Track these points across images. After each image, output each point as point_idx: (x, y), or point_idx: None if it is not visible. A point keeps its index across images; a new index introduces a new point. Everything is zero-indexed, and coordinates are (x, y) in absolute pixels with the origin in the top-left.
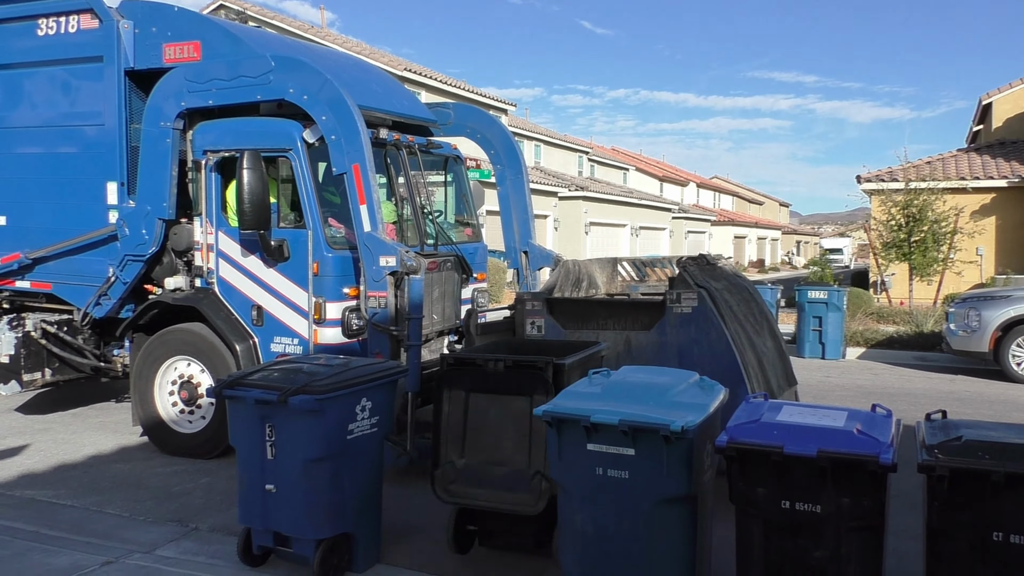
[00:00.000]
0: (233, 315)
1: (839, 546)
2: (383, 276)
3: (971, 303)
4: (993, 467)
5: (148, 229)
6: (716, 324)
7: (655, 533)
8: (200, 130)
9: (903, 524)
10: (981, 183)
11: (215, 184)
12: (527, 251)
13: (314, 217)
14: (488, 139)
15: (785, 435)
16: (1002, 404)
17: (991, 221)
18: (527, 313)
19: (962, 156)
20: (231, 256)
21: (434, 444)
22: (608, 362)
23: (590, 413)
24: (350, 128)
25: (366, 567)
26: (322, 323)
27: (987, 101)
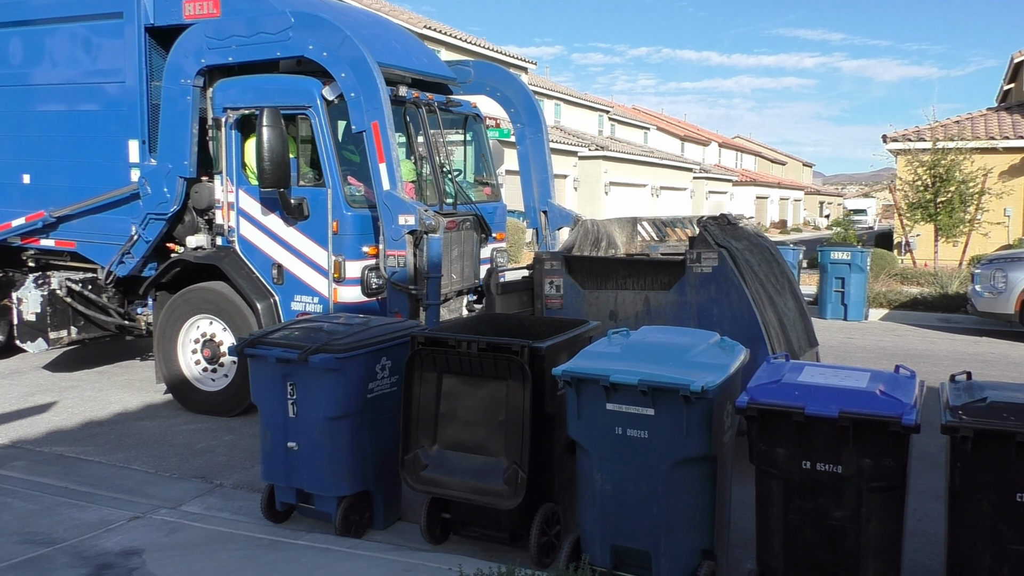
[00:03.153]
0: (254, 274)
1: (860, 506)
2: (402, 235)
3: (997, 264)
4: (1018, 428)
5: (170, 187)
6: (736, 284)
7: (674, 493)
8: (220, 87)
9: (925, 485)
10: (1011, 143)
11: (235, 142)
12: (546, 211)
13: (333, 175)
14: (508, 97)
15: (806, 396)
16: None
17: (1020, 182)
18: (545, 272)
19: (992, 115)
20: (252, 214)
21: (404, 428)
22: (627, 321)
23: (609, 373)
24: (369, 85)
25: (387, 525)
26: (342, 282)
27: (1019, 60)
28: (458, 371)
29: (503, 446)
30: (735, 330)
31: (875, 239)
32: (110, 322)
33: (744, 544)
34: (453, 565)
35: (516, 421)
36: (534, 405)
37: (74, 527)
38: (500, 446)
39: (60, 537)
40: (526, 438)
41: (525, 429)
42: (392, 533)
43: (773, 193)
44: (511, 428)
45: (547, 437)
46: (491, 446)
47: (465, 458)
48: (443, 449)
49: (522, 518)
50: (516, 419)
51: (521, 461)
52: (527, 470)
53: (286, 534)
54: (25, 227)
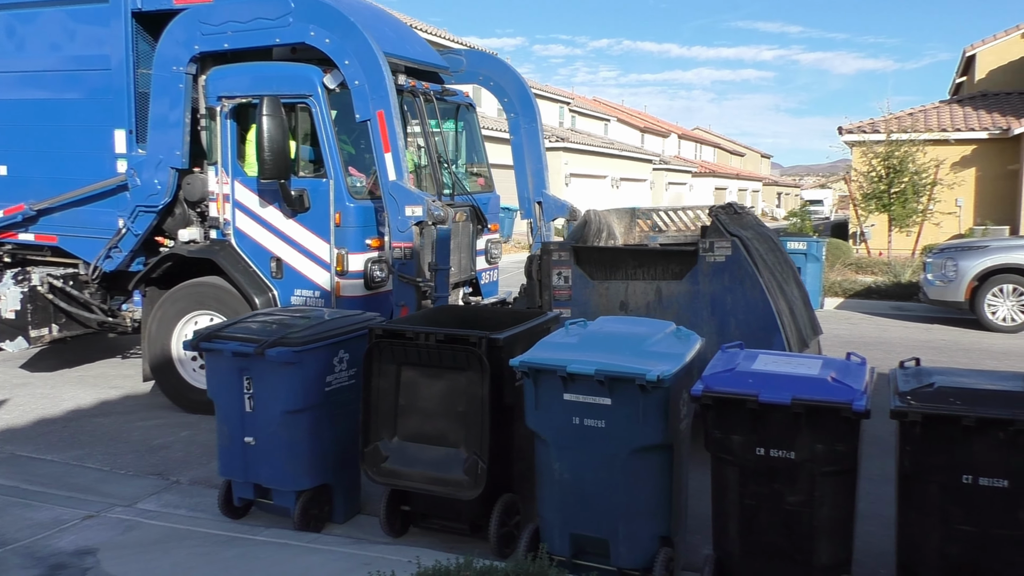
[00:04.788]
0: (251, 267)
1: (813, 490)
2: (409, 226)
3: (948, 253)
4: (964, 412)
5: (160, 179)
6: (750, 273)
7: (632, 481)
8: (214, 75)
9: (879, 469)
10: (963, 135)
11: (231, 131)
12: (541, 201)
13: (335, 166)
14: (502, 87)
15: (760, 383)
16: (977, 352)
17: (971, 173)
18: (553, 263)
19: (944, 108)
20: (248, 206)
21: (363, 420)
22: (638, 312)
23: (567, 363)
24: (375, 73)
25: (347, 518)
26: (345, 275)
27: (971, 53)
28: (417, 363)
29: (463, 437)
30: (749, 319)
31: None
32: (92, 319)
33: (701, 530)
34: (412, 557)
35: (475, 412)
36: (493, 396)
37: (26, 527)
38: (460, 437)
39: (12, 538)
40: (485, 428)
41: (484, 420)
42: (352, 526)
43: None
44: (470, 419)
45: (506, 427)
46: (451, 437)
47: (425, 449)
48: (403, 441)
49: (482, 509)
50: (475, 410)
51: (481, 451)
52: (487, 460)
53: (244, 530)
54: (3, 221)
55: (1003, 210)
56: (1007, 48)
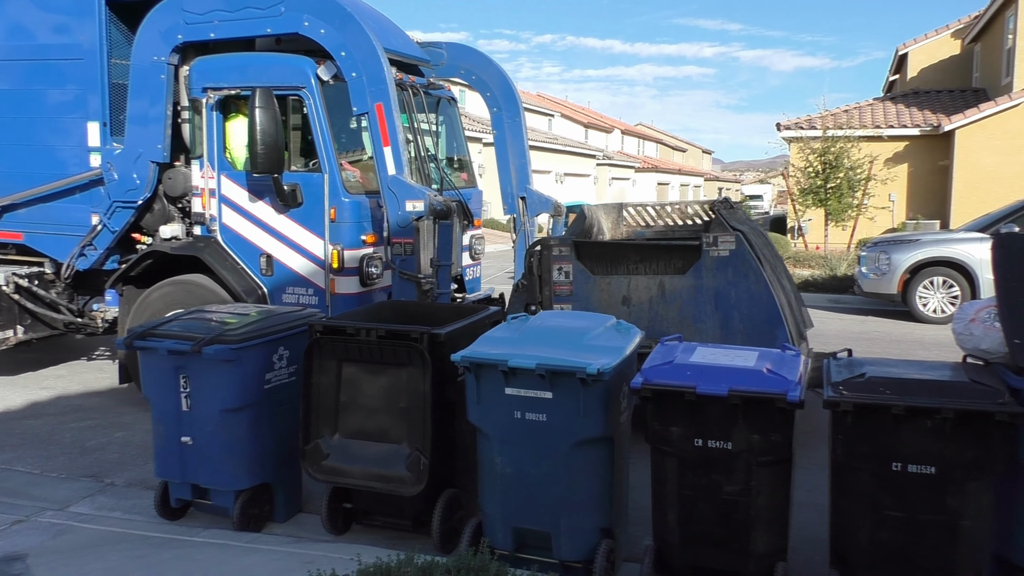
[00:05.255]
0: (239, 265)
1: (750, 480)
2: (409, 222)
3: (882, 247)
4: (893, 401)
5: (140, 173)
6: (754, 267)
7: (573, 474)
8: (199, 66)
9: (817, 458)
10: (896, 131)
11: (217, 124)
12: (524, 196)
13: (330, 160)
14: (484, 81)
15: (698, 375)
16: (908, 343)
17: (904, 168)
18: (554, 259)
19: (878, 105)
20: (236, 202)
21: (303, 418)
22: (641, 307)
23: (508, 358)
24: (373, 65)
25: (288, 517)
26: (340, 272)
27: (903, 51)
28: (358, 359)
29: (405, 433)
30: (753, 313)
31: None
32: (60, 320)
33: (642, 521)
34: (353, 555)
35: (417, 407)
36: (435, 391)
37: None
38: (402, 433)
39: None
40: (427, 424)
41: (426, 415)
42: (293, 525)
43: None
44: (412, 414)
45: (449, 423)
46: (393, 433)
47: (367, 446)
48: (344, 438)
49: (425, 504)
50: (417, 405)
51: (423, 447)
52: (429, 456)
53: (182, 531)
54: None
55: (934, 205)
56: (938, 47)
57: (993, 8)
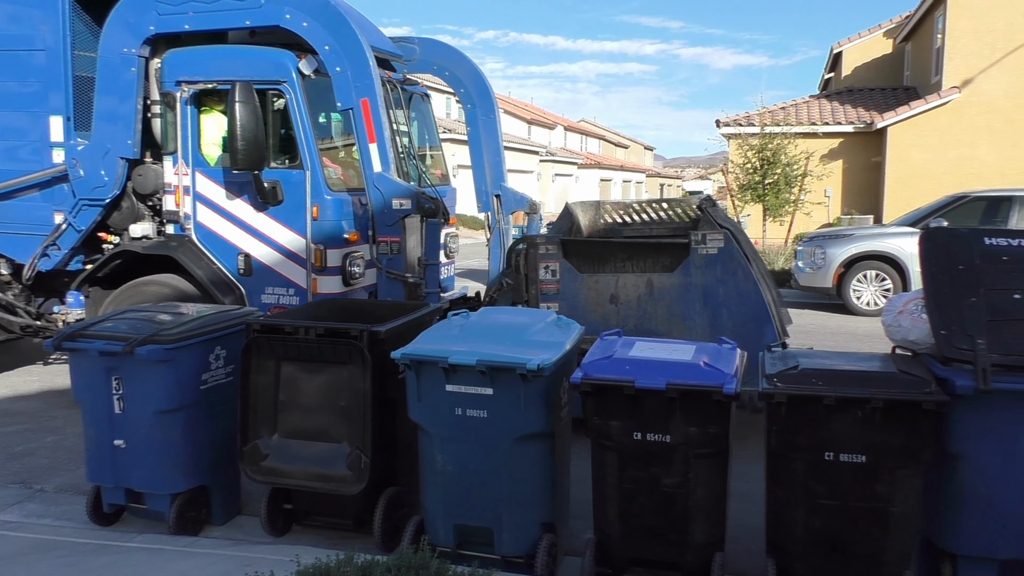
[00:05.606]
0: (215, 264)
1: (687, 472)
2: (396, 219)
3: (817, 242)
4: (825, 392)
5: (108, 170)
6: (743, 264)
7: (515, 469)
8: (172, 59)
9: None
10: (831, 128)
11: (191, 119)
12: (499, 194)
13: (312, 156)
14: (458, 77)
15: (636, 370)
16: (843, 335)
17: (838, 164)
18: (541, 257)
19: (814, 102)
20: (211, 199)
21: (241, 418)
22: (629, 305)
23: (448, 354)
24: (358, 59)
25: (226, 519)
26: (323, 271)
27: (838, 50)
28: (297, 358)
29: (345, 431)
30: (742, 310)
31: None
32: (16, 322)
33: (583, 515)
34: (293, 556)
35: (358, 406)
36: (375, 389)
37: None
38: (342, 432)
39: None
40: (368, 422)
41: (367, 413)
42: (232, 528)
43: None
44: (353, 413)
45: (390, 421)
46: (333, 432)
47: (307, 446)
48: (284, 438)
49: (366, 503)
50: (357, 404)
51: (364, 446)
52: (370, 454)
53: (115, 537)
54: None
55: (868, 200)
56: (871, 46)
57: (923, 8)
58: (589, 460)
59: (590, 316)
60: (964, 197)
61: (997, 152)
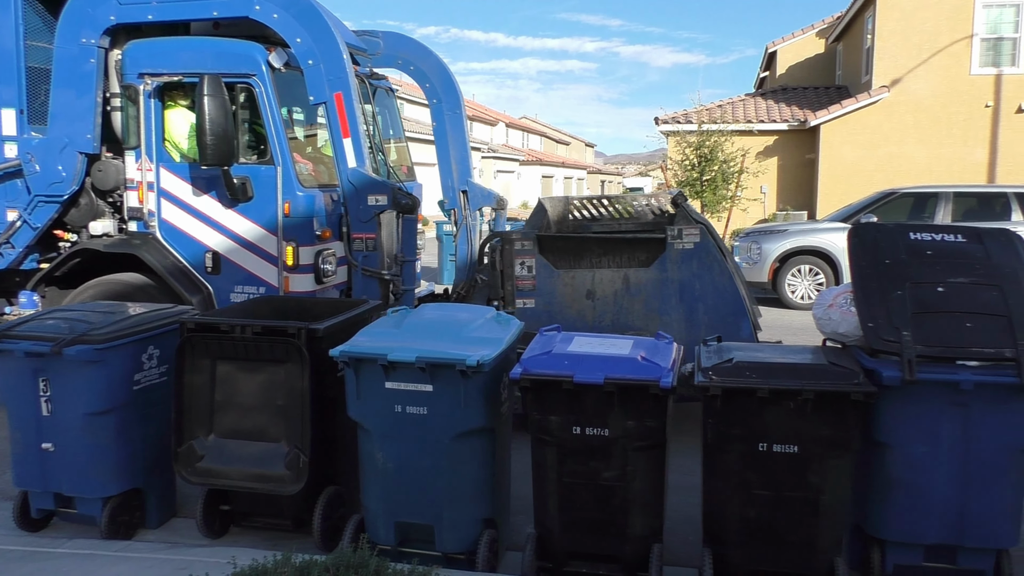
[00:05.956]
0: (182, 263)
1: (626, 465)
2: (372, 216)
3: (753, 237)
4: (758, 384)
5: (66, 165)
6: (718, 259)
7: (456, 466)
8: (134, 50)
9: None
10: (766, 126)
11: (155, 113)
12: (466, 190)
13: (283, 152)
14: (423, 71)
15: (575, 365)
16: (778, 328)
17: (774, 161)
18: (516, 252)
19: (749, 100)
20: (177, 196)
21: (175, 419)
22: (606, 300)
23: (387, 351)
24: (332, 52)
25: (161, 522)
26: (295, 269)
27: (772, 49)
28: (233, 357)
29: (283, 431)
30: (718, 304)
31: None
32: None
33: (525, 510)
34: (229, 558)
35: (296, 405)
36: (314, 388)
37: None
38: (281, 431)
39: None
40: (306, 421)
41: (305, 412)
42: (167, 531)
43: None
44: (291, 412)
45: (329, 419)
46: (271, 431)
47: (244, 446)
48: (220, 438)
49: (306, 503)
50: (296, 403)
51: (302, 445)
52: (309, 453)
53: (44, 543)
54: None
55: (802, 196)
56: (804, 45)
57: (853, 9)
58: (530, 455)
59: (567, 312)
60: (893, 193)
61: (924, 150)
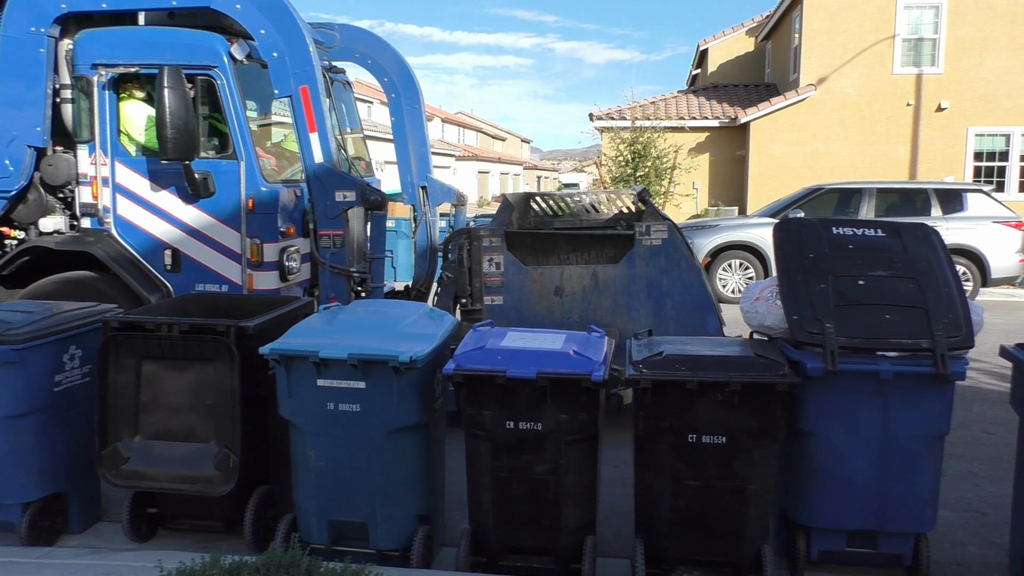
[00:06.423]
0: (139, 260)
1: (559, 459)
2: (339, 212)
3: (685, 232)
4: (687, 377)
5: (14, 159)
6: (685, 255)
7: (390, 463)
8: (87, 40)
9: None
10: (698, 123)
11: (110, 105)
12: (426, 186)
13: (247, 146)
14: (381, 65)
15: (508, 359)
16: None
17: (705, 158)
18: (484, 249)
19: (682, 97)
20: (134, 191)
21: (99, 421)
22: (574, 297)
23: (319, 348)
24: (297, 44)
25: (85, 527)
26: (260, 267)
27: (704, 47)
28: (159, 356)
29: (213, 431)
30: (686, 300)
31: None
32: None
33: (460, 506)
34: (157, 561)
35: (225, 404)
36: (244, 386)
37: None
38: (210, 431)
39: None
40: (237, 421)
41: (235, 411)
42: (91, 536)
43: (494, 168)
44: (220, 411)
45: (260, 418)
46: (200, 431)
47: (172, 447)
48: (146, 439)
49: (236, 503)
50: (225, 402)
51: (232, 445)
52: (239, 453)
53: None
54: None
55: (733, 192)
56: (734, 44)
57: (781, 9)
58: (464, 451)
59: (535, 309)
60: (819, 189)
61: (849, 147)
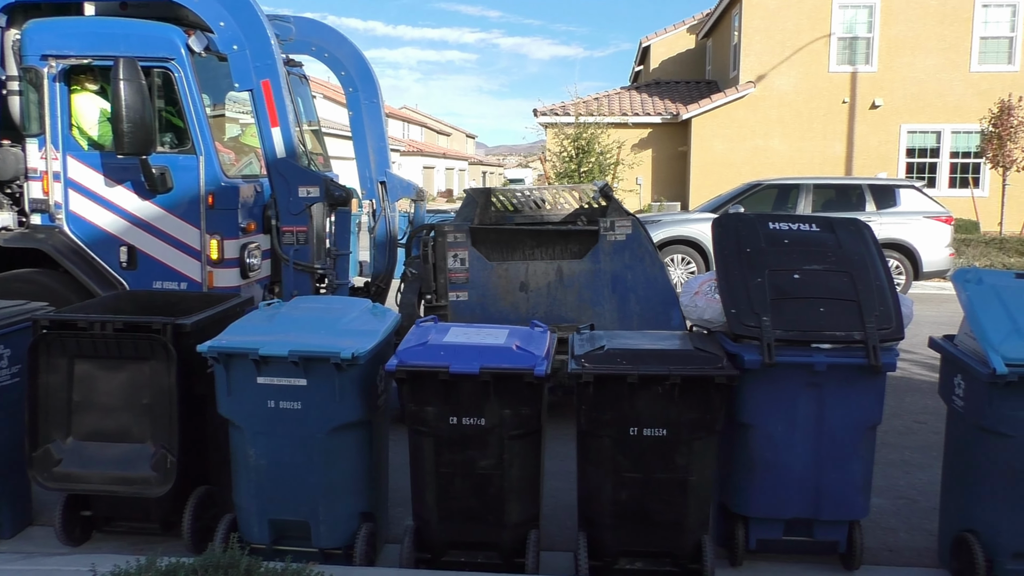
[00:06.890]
0: (93, 257)
1: (502, 454)
2: (302, 208)
3: None
4: (628, 371)
5: None
6: (649, 251)
7: (332, 460)
8: (36, 30)
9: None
10: (640, 119)
11: (61, 98)
12: (384, 181)
13: (206, 140)
14: (338, 59)
15: (451, 355)
16: None
17: (648, 154)
18: (449, 245)
19: (625, 94)
20: (87, 186)
21: (29, 422)
22: (540, 292)
23: (259, 346)
24: (258, 37)
25: (15, 531)
26: (220, 264)
27: (646, 44)
28: (93, 355)
29: (149, 431)
30: (650, 295)
31: None
32: None
33: (404, 503)
34: (90, 565)
35: (162, 403)
36: (182, 385)
37: None
38: (146, 431)
39: None
40: (174, 420)
41: (173, 411)
42: (22, 540)
43: (439, 163)
44: (157, 411)
45: (199, 417)
46: (135, 432)
47: (106, 447)
48: (79, 440)
49: (174, 504)
50: (162, 401)
51: (170, 445)
52: (177, 453)
53: None
54: None
55: (676, 187)
56: (676, 41)
57: (721, 7)
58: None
59: (500, 304)
60: (758, 185)
61: (788, 143)
